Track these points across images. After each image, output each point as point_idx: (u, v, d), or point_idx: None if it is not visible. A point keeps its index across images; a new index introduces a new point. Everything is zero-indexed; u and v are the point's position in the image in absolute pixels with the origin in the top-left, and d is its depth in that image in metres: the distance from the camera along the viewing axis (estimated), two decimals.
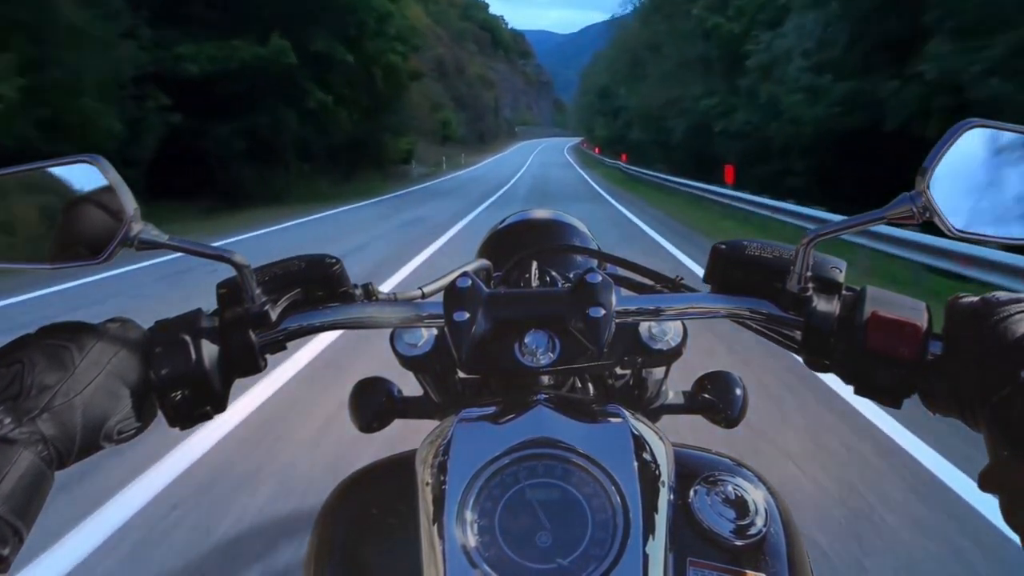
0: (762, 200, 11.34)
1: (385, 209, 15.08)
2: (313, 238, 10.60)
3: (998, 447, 0.47)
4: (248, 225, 11.90)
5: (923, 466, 2.77)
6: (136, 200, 0.55)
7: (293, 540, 2.22)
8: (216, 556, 2.15)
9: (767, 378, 3.66)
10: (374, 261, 7.88)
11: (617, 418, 0.58)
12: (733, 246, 0.65)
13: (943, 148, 0.54)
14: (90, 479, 2.59)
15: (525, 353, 0.64)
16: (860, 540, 2.23)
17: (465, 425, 0.57)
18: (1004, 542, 2.16)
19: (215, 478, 2.64)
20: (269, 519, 2.33)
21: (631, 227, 11.41)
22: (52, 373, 0.50)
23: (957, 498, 2.51)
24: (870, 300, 0.57)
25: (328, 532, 0.64)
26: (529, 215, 1.16)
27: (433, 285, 0.75)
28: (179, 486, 2.58)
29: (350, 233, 10.96)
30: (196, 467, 2.73)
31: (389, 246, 9.24)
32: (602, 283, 0.62)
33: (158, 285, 6.49)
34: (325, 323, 0.64)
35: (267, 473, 2.66)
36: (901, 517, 2.38)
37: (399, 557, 0.55)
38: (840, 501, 2.46)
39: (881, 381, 0.56)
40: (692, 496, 0.57)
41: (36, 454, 0.47)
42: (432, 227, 11.10)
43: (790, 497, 0.72)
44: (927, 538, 2.26)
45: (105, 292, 6.20)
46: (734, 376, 0.92)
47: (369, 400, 0.93)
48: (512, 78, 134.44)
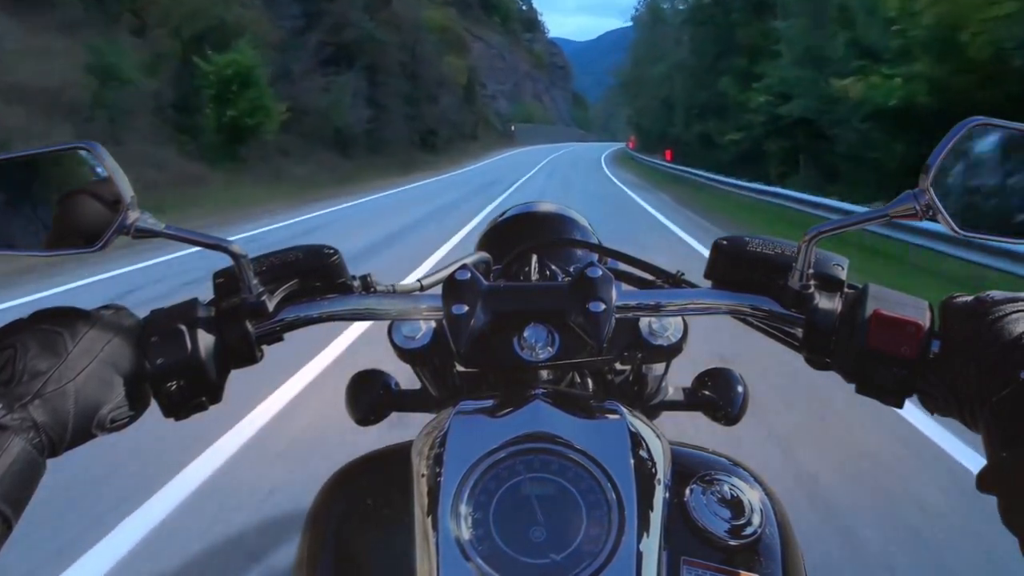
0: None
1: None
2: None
3: (997, 447, 0.47)
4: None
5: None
6: (132, 188, 0.55)
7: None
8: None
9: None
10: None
11: (615, 415, 0.58)
12: (735, 242, 0.65)
13: (946, 146, 0.54)
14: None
15: (524, 347, 0.64)
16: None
17: (462, 418, 0.57)
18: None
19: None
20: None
21: None
22: (45, 359, 0.50)
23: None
24: (872, 298, 0.57)
25: (322, 521, 0.64)
26: (529, 208, 1.16)
27: (432, 278, 0.75)
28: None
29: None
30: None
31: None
32: (602, 277, 0.62)
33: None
34: (323, 314, 0.64)
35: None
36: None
37: (393, 548, 0.55)
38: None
39: (883, 380, 0.55)
40: (688, 495, 0.57)
41: (28, 441, 0.47)
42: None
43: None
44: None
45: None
46: (735, 373, 0.92)
47: (366, 392, 0.93)
48: (511, 55, 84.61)
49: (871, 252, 7.80)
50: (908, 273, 6.90)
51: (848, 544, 2.25)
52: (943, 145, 0.54)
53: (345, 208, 14.21)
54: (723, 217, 12.08)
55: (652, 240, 8.99)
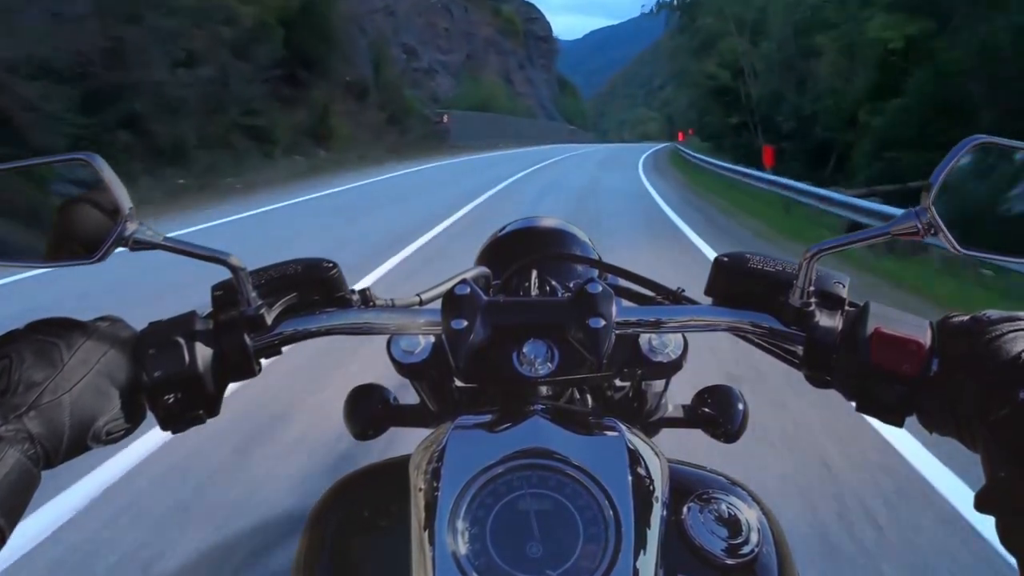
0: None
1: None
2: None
3: (995, 467, 0.47)
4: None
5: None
6: (131, 199, 0.54)
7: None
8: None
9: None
10: None
11: (613, 431, 0.57)
12: (736, 259, 0.65)
13: (948, 164, 0.54)
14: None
15: (523, 362, 0.64)
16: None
17: (460, 432, 0.57)
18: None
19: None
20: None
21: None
22: (40, 370, 0.50)
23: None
24: (873, 316, 0.56)
25: (319, 533, 0.64)
26: (530, 223, 1.16)
27: (431, 292, 0.75)
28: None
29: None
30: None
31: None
32: (603, 293, 0.62)
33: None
34: (321, 328, 0.64)
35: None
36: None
37: (389, 561, 0.55)
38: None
39: (883, 398, 0.55)
40: (685, 513, 0.57)
41: (22, 452, 0.46)
42: None
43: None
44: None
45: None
46: (735, 390, 0.92)
47: (364, 407, 0.92)
48: (463, 15, 51.42)
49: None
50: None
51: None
52: (945, 163, 0.54)
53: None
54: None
55: None
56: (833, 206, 8.85)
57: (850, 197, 8.97)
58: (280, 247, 7.03)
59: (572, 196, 13.36)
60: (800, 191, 10.44)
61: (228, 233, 8.69)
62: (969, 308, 0.55)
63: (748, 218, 10.73)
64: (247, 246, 7.34)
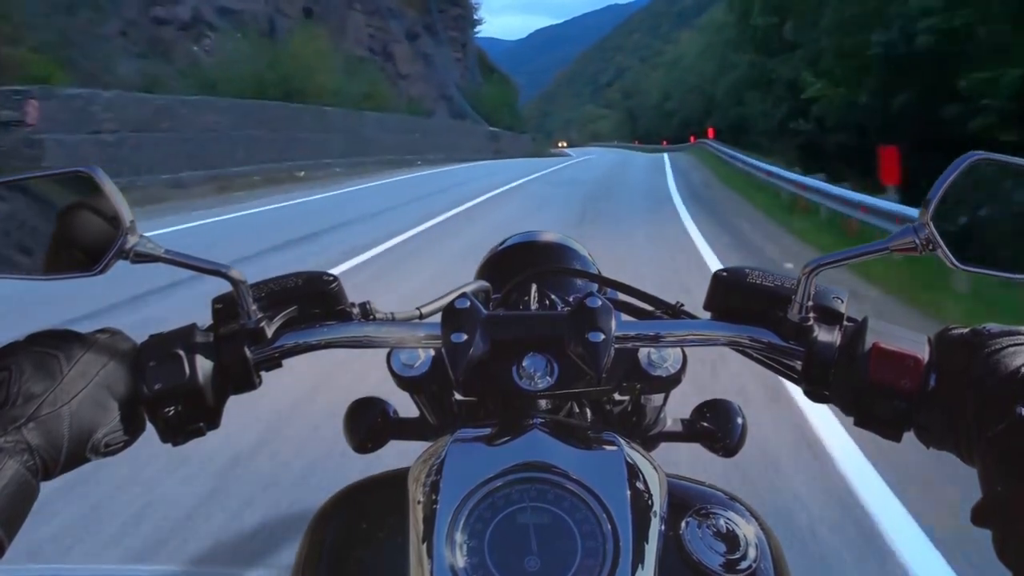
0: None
1: None
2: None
3: (993, 481, 0.47)
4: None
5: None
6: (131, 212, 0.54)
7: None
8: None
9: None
10: None
11: (612, 446, 0.57)
12: (734, 274, 0.65)
13: (947, 180, 0.54)
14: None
15: (523, 376, 0.64)
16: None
17: (459, 445, 0.57)
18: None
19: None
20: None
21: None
22: (39, 382, 0.50)
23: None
24: (871, 331, 0.57)
25: (317, 545, 0.63)
26: (529, 237, 1.16)
27: (431, 305, 0.75)
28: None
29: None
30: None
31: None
32: (602, 307, 0.62)
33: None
34: (321, 341, 0.64)
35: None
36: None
37: (388, 574, 0.55)
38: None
39: (882, 413, 0.55)
40: (683, 528, 0.56)
41: (21, 463, 0.46)
42: None
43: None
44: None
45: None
46: (734, 405, 0.91)
47: (364, 420, 0.92)
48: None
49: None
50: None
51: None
52: (943, 179, 0.54)
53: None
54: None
55: None
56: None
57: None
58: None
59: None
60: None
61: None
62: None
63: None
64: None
